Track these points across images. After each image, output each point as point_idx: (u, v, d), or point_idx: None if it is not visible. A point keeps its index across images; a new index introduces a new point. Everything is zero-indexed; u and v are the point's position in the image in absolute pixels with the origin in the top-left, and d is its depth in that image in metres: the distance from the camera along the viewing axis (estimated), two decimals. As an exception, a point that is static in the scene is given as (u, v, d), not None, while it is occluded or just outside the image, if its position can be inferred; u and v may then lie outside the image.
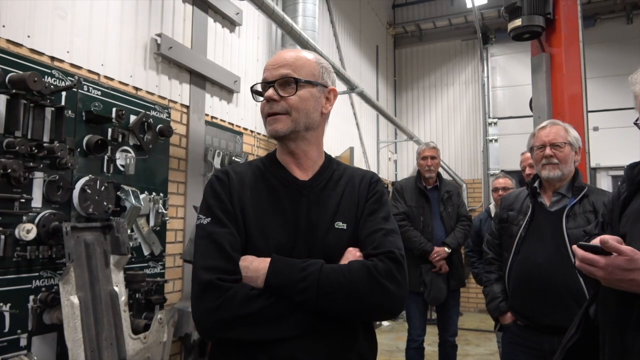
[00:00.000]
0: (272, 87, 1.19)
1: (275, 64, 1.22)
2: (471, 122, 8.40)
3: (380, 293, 1.09)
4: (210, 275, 1.06)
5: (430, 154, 3.60)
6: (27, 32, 2.24)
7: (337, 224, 1.19)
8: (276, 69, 1.21)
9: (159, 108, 3.00)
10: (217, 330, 1.06)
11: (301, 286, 1.06)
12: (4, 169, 1.99)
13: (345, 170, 1.31)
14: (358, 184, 1.27)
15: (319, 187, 1.24)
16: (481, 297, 7.80)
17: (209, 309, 1.05)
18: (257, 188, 1.21)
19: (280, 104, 1.19)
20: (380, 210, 1.24)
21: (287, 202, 1.20)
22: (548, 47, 3.36)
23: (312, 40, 4.08)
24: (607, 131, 7.07)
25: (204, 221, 1.15)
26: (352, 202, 1.24)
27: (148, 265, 2.86)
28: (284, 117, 1.19)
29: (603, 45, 7.36)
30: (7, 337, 2.05)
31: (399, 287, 1.11)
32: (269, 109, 1.20)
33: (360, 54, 7.29)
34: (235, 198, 1.17)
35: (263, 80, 1.23)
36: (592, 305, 1.21)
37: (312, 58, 1.25)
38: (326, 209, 1.21)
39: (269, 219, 1.17)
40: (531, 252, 2.07)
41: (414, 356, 3.56)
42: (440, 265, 3.41)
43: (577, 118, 3.09)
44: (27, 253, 2.13)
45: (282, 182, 1.23)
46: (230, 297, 1.05)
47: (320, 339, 1.10)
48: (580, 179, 2.13)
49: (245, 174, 1.23)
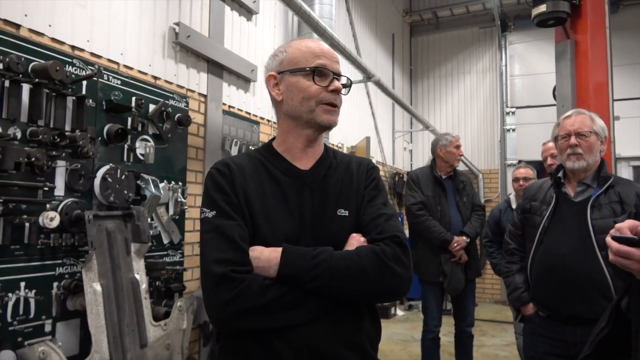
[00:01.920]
0: (336, 80, 1.24)
1: (332, 56, 1.26)
2: (488, 112, 8.29)
3: (389, 276, 1.13)
4: (223, 267, 1.07)
5: (460, 143, 3.60)
6: (48, 22, 2.25)
7: (340, 211, 1.23)
8: (336, 63, 1.26)
9: (177, 97, 3.01)
10: (234, 321, 1.07)
11: (314, 274, 1.09)
12: (28, 158, 2.01)
13: (342, 159, 1.34)
14: (355, 170, 1.31)
15: (320, 175, 1.26)
16: (497, 288, 7.77)
17: (225, 301, 1.06)
18: (260, 179, 1.22)
19: (340, 98, 1.26)
20: (379, 196, 1.28)
21: (291, 192, 1.22)
22: (573, 33, 3.27)
23: (329, 28, 4.04)
24: (628, 120, 6.91)
25: (209, 214, 1.15)
26: (352, 190, 1.27)
27: (167, 253, 2.89)
28: (339, 111, 1.26)
29: (625, 33, 7.17)
30: (32, 322, 2.09)
31: (406, 270, 1.16)
32: (334, 99, 1.23)
33: (377, 42, 7.21)
34: (239, 190, 1.18)
35: (323, 65, 1.23)
36: (624, 298, 1.18)
37: None
38: (329, 197, 1.24)
39: (274, 210, 1.19)
40: (554, 242, 2.04)
41: (430, 347, 3.55)
42: (460, 255, 3.39)
43: (602, 107, 3.02)
44: (50, 240, 2.16)
45: (284, 172, 1.24)
46: (245, 288, 1.06)
47: (331, 323, 1.13)
48: (605, 169, 2.08)
49: (246, 166, 1.23)
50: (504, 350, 5.04)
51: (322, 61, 1.23)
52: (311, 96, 1.21)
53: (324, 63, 1.23)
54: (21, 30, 2.14)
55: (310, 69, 1.22)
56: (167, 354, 2.47)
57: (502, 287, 7.37)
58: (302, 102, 1.22)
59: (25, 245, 2.07)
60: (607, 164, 2.14)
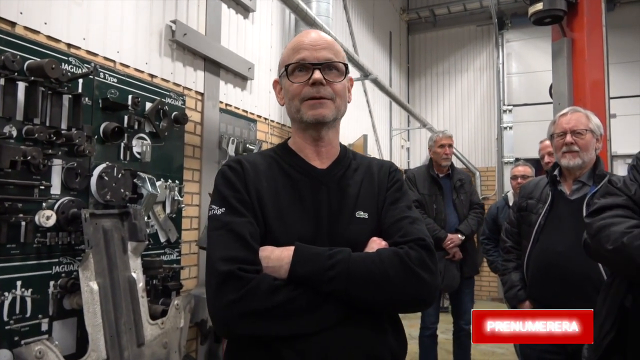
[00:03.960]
0: (318, 70, 1.12)
1: (315, 44, 1.14)
2: (485, 110, 8.29)
3: (414, 282, 1.04)
4: (230, 265, 0.99)
5: (448, 142, 3.58)
6: (44, 20, 2.24)
7: (358, 213, 1.14)
8: (318, 51, 1.14)
9: (174, 95, 3.00)
10: (239, 325, 0.98)
11: (330, 275, 1.00)
12: (24, 156, 2.01)
13: (362, 160, 1.27)
14: (377, 173, 1.23)
15: (337, 175, 1.19)
16: (494, 286, 7.78)
17: (230, 302, 0.97)
18: (274, 177, 1.15)
19: (327, 89, 1.13)
20: (403, 199, 1.20)
21: (306, 191, 1.14)
22: (570, 31, 3.28)
23: (326, 26, 4.04)
24: (624, 118, 6.92)
25: (218, 212, 1.09)
26: (372, 192, 1.19)
27: (164, 252, 2.89)
28: (329, 103, 1.14)
29: (621, 30, 7.18)
30: (29, 322, 2.08)
31: (433, 276, 1.06)
32: (316, 92, 1.13)
33: (374, 40, 7.20)
34: (251, 188, 1.11)
35: (301, 59, 1.14)
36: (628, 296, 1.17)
37: (338, 44, 1.20)
38: (347, 198, 1.16)
39: (288, 209, 1.12)
40: (551, 240, 2.04)
41: (428, 344, 3.57)
42: (453, 253, 3.40)
43: (598, 105, 3.03)
44: (47, 239, 2.16)
45: (299, 171, 1.17)
46: (253, 288, 0.98)
47: (348, 333, 1.03)
48: (601, 167, 2.09)
49: (259, 164, 1.17)
50: (501, 348, 5.06)
51: (301, 55, 1.14)
52: (294, 95, 1.15)
53: (303, 56, 1.14)
54: (16, 28, 2.13)
55: (285, 68, 1.17)
56: (165, 352, 2.47)
57: (499, 284, 7.38)
58: (290, 104, 1.18)
59: (22, 244, 2.07)
60: (603, 161, 2.14)
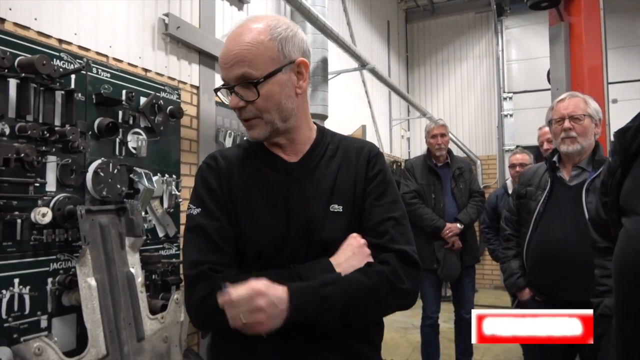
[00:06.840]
0: (233, 93, 1.06)
1: (227, 61, 1.04)
2: (485, 97, 8.24)
3: (402, 297, 1.08)
4: (202, 266, 1.03)
5: (440, 131, 3.55)
6: (34, 15, 2.22)
7: (333, 207, 1.10)
8: (229, 69, 1.04)
9: (168, 89, 2.98)
10: (211, 319, 1.01)
11: (326, 317, 0.97)
12: (17, 154, 1.99)
13: (340, 143, 1.19)
14: (355, 159, 1.15)
15: (310, 167, 1.13)
16: (496, 274, 7.79)
17: (200, 298, 1.00)
18: (247, 173, 1.13)
19: (249, 109, 1.06)
20: (387, 193, 1.13)
21: (277, 188, 1.11)
22: (567, 15, 3.24)
23: (322, 16, 4.00)
24: (626, 103, 6.87)
25: (194, 211, 1.11)
26: (349, 181, 1.13)
27: (163, 246, 2.88)
28: (257, 122, 1.08)
29: (620, 15, 7.10)
30: (27, 319, 2.08)
31: (416, 285, 1.10)
32: (239, 115, 1.10)
33: (372, 29, 7.14)
34: (224, 183, 1.11)
35: (222, 79, 1.09)
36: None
37: (265, 35, 1.04)
38: (320, 192, 1.11)
39: (260, 208, 1.09)
40: (550, 227, 2.03)
41: (429, 333, 3.57)
42: (452, 242, 3.39)
43: (597, 90, 2.99)
44: (43, 237, 2.15)
45: (270, 167, 1.14)
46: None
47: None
48: (600, 152, 2.07)
49: (234, 158, 1.16)
50: (503, 336, 5.06)
51: (222, 74, 1.08)
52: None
53: (222, 76, 1.08)
54: (6, 25, 2.10)
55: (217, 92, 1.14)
56: (165, 346, 2.48)
57: (501, 272, 7.39)
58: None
59: (18, 242, 2.06)
60: (602, 147, 2.12)
